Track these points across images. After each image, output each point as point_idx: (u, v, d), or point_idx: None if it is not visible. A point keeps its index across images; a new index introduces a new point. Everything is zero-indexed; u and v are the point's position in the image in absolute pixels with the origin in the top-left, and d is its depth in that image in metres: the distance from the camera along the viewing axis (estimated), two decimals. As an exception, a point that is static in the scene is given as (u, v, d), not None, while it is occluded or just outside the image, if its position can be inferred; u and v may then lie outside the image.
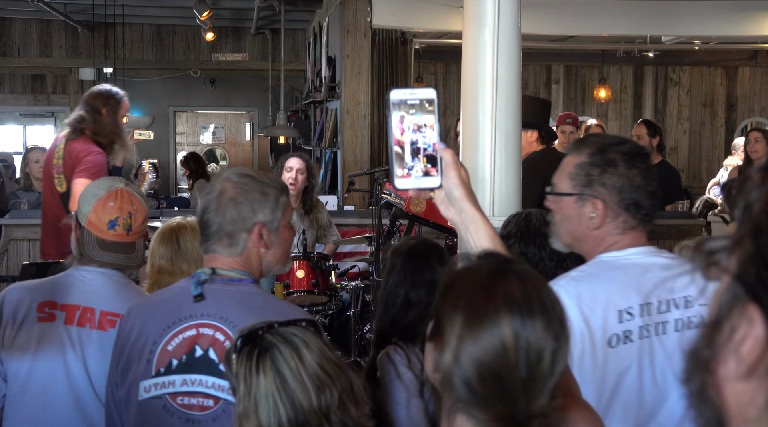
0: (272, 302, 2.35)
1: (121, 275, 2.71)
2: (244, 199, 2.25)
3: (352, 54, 8.08)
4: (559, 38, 10.16)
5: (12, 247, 7.02)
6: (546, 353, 1.31)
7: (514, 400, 1.30)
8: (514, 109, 3.75)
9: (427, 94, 1.60)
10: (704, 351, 0.77)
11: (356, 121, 8.14)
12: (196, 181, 9.78)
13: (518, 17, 3.75)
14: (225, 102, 13.76)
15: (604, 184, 2.13)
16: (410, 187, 1.61)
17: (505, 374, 1.30)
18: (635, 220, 2.15)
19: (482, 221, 1.64)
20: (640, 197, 2.13)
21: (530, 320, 1.31)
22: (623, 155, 2.14)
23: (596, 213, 2.15)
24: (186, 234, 3.21)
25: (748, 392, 0.74)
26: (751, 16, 8.42)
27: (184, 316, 2.23)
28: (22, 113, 13.10)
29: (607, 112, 12.10)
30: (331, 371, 1.61)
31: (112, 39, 11.57)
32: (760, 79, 12.24)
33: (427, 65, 11.37)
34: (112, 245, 2.66)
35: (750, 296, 0.73)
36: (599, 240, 2.18)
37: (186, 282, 2.31)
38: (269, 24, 11.81)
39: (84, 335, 2.59)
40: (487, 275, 1.36)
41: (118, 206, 2.68)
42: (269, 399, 1.57)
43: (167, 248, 3.19)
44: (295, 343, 1.62)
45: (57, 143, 4.93)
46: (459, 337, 1.31)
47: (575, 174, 2.17)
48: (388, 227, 4.69)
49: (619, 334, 2.08)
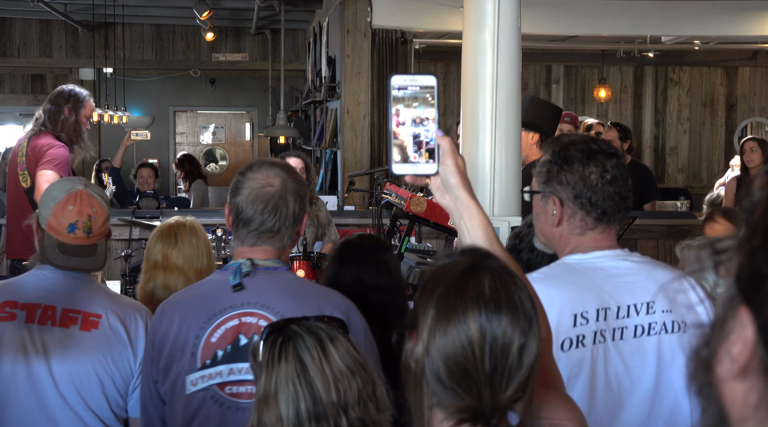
0: (310, 287, 2.39)
1: (81, 273, 2.70)
2: (293, 199, 2.28)
3: (352, 54, 8.08)
4: (559, 38, 10.16)
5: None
6: (513, 348, 1.34)
7: (480, 393, 1.34)
8: (514, 109, 3.75)
9: (428, 81, 1.62)
10: (703, 351, 0.78)
11: (356, 121, 8.14)
12: (192, 182, 9.79)
13: (518, 17, 3.76)
14: (225, 102, 13.76)
15: (561, 181, 2.15)
16: (407, 173, 1.62)
17: (471, 367, 1.34)
18: (592, 219, 2.15)
19: (477, 210, 1.65)
20: (595, 196, 2.13)
21: (496, 315, 1.35)
22: (581, 153, 2.14)
23: (555, 210, 2.16)
24: (184, 232, 3.22)
25: (742, 391, 0.75)
26: (751, 16, 8.42)
27: (224, 307, 2.25)
28: (22, 113, 13.10)
29: (607, 113, 12.09)
30: (354, 368, 1.62)
31: (112, 39, 11.57)
32: (760, 79, 12.24)
33: (427, 65, 11.37)
34: (73, 249, 2.65)
35: (742, 297, 0.74)
36: (564, 241, 2.19)
37: (220, 275, 2.33)
38: (269, 24, 11.81)
39: (46, 332, 2.59)
40: (462, 271, 1.40)
41: (78, 209, 2.66)
42: (289, 386, 1.59)
43: (164, 244, 3.20)
44: (320, 335, 1.64)
45: (21, 142, 5.04)
46: (430, 330, 1.36)
47: (539, 172, 2.21)
48: (389, 227, 4.68)
49: (572, 338, 2.06)
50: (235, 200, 2.29)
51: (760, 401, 0.73)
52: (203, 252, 3.22)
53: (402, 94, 1.61)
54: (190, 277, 3.14)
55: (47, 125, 4.94)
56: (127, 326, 2.65)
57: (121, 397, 2.65)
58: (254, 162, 2.37)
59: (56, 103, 5.00)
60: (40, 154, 4.87)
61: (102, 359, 2.61)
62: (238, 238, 2.31)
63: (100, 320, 2.63)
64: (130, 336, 2.64)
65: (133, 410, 2.67)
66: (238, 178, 2.32)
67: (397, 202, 4.37)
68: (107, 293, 2.76)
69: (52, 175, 4.78)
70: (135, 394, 2.65)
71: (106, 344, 2.62)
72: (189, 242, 3.20)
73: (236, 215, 2.29)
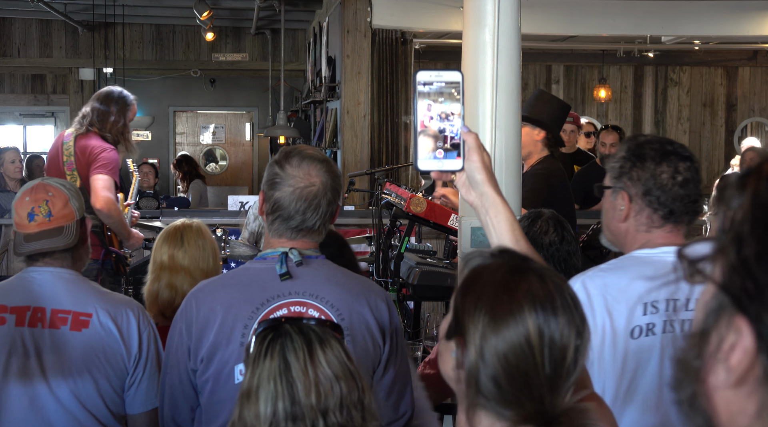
0: (351, 276, 2.39)
1: (69, 272, 2.69)
2: (332, 196, 2.30)
3: (352, 54, 8.08)
4: (559, 38, 10.16)
5: (11, 247, 7.02)
6: (570, 349, 1.33)
7: (541, 397, 1.32)
8: (514, 109, 3.75)
9: (453, 76, 1.61)
10: (693, 360, 0.77)
11: (356, 121, 8.14)
12: (191, 181, 9.81)
13: (518, 17, 3.75)
14: (225, 102, 13.75)
15: (632, 177, 2.19)
16: (432, 169, 1.62)
17: (531, 371, 1.31)
18: (659, 217, 2.18)
19: (503, 206, 1.65)
20: (664, 195, 2.17)
21: (553, 316, 1.33)
22: (655, 152, 2.18)
23: (624, 205, 2.19)
24: (190, 233, 3.24)
25: (739, 400, 0.74)
26: (751, 16, 8.41)
27: (272, 296, 2.25)
28: (22, 113, 13.10)
29: (607, 112, 12.09)
30: (340, 374, 1.60)
31: (112, 39, 11.57)
32: (760, 79, 12.24)
33: (427, 65, 11.36)
34: (36, 235, 2.66)
35: (736, 306, 0.73)
36: (630, 237, 2.22)
37: (260, 263, 2.32)
38: (269, 24, 11.80)
39: (36, 335, 2.57)
40: (507, 273, 1.37)
41: (33, 198, 2.69)
42: (270, 383, 1.58)
43: (170, 245, 3.21)
44: (310, 337, 1.63)
45: (65, 140, 4.98)
46: (483, 335, 1.33)
47: (611, 167, 2.25)
48: (389, 227, 4.68)
49: (642, 326, 2.10)
50: (274, 194, 2.27)
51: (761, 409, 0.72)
52: (209, 253, 3.23)
53: (427, 89, 1.60)
54: (196, 277, 3.14)
55: (95, 125, 4.93)
56: (119, 323, 2.63)
57: (117, 395, 2.63)
58: (291, 152, 2.32)
59: (105, 104, 4.98)
60: (91, 156, 4.86)
61: (95, 358, 2.59)
62: (275, 231, 2.30)
63: (90, 319, 2.61)
64: (122, 333, 2.62)
65: (132, 406, 2.65)
66: (276, 170, 2.29)
67: (397, 202, 4.37)
68: (97, 290, 2.73)
69: (108, 180, 4.81)
70: (132, 391, 2.64)
71: (98, 342, 2.60)
72: (195, 243, 3.22)
73: (274, 209, 2.28)
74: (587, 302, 2.09)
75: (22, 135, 13.19)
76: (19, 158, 7.32)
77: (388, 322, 2.34)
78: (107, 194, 4.77)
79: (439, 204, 4.49)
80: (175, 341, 2.33)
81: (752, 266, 0.72)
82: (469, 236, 3.66)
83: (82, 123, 4.96)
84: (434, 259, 4.65)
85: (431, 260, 4.50)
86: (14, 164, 7.22)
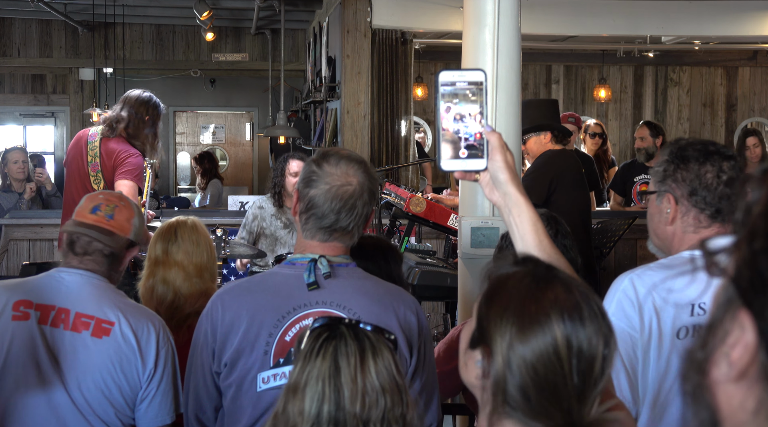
0: (382, 285, 2.34)
1: (100, 278, 2.70)
2: (368, 198, 2.25)
3: (352, 54, 8.08)
4: (559, 38, 10.15)
5: (12, 247, 7.02)
6: (597, 358, 1.32)
7: (570, 407, 1.31)
8: (514, 109, 3.75)
9: (476, 76, 1.61)
10: (698, 352, 0.77)
11: (356, 121, 8.14)
12: (210, 180, 9.82)
13: (518, 17, 3.75)
14: (225, 102, 13.75)
15: (676, 179, 2.19)
16: (456, 169, 1.62)
17: (560, 381, 1.30)
18: (706, 217, 2.18)
19: (526, 205, 1.64)
20: (710, 195, 2.17)
21: (581, 326, 1.32)
22: (698, 153, 2.19)
23: (670, 208, 2.20)
24: (184, 229, 3.24)
25: (739, 395, 0.74)
26: (751, 16, 8.41)
27: (298, 305, 2.21)
28: (22, 113, 13.09)
29: (607, 112, 12.09)
30: (387, 386, 1.59)
31: (112, 39, 11.57)
32: (760, 79, 12.23)
33: (427, 65, 11.36)
34: (90, 225, 2.69)
35: (742, 300, 0.73)
36: (678, 239, 2.22)
37: (288, 269, 2.27)
38: (269, 24, 11.80)
39: (57, 335, 2.59)
40: (533, 282, 1.36)
41: (106, 198, 2.75)
42: (318, 384, 1.57)
43: (164, 241, 3.22)
44: (364, 344, 1.61)
45: (90, 140, 4.95)
46: (510, 345, 1.32)
47: (655, 172, 2.25)
48: (388, 227, 4.68)
49: (688, 327, 2.10)
50: (309, 192, 2.23)
51: (759, 406, 0.72)
52: (203, 248, 3.22)
53: (450, 90, 1.60)
54: (190, 272, 3.15)
55: (124, 129, 4.92)
56: (139, 335, 2.64)
57: (128, 406, 2.63)
58: (330, 153, 2.29)
59: (140, 111, 4.98)
60: (117, 160, 4.85)
61: (111, 367, 2.60)
62: (308, 231, 2.26)
63: (112, 327, 2.62)
64: (140, 346, 2.63)
65: (142, 420, 2.64)
66: (313, 168, 2.25)
67: (397, 202, 4.37)
68: (123, 300, 2.74)
69: (133, 186, 4.81)
70: (143, 405, 2.64)
71: (116, 352, 2.61)
72: (189, 238, 3.22)
73: (308, 207, 2.24)
74: (635, 299, 2.09)
75: (22, 135, 13.18)
76: (22, 158, 7.29)
77: (417, 334, 2.30)
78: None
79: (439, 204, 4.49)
80: (200, 342, 2.31)
81: (760, 260, 0.72)
82: (469, 236, 3.66)
83: (112, 126, 4.93)
84: (434, 259, 4.65)
85: (431, 260, 4.50)
86: (17, 165, 7.21)
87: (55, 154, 12.83)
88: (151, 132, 5.01)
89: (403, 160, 8.15)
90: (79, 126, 12.49)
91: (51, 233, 6.84)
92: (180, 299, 3.13)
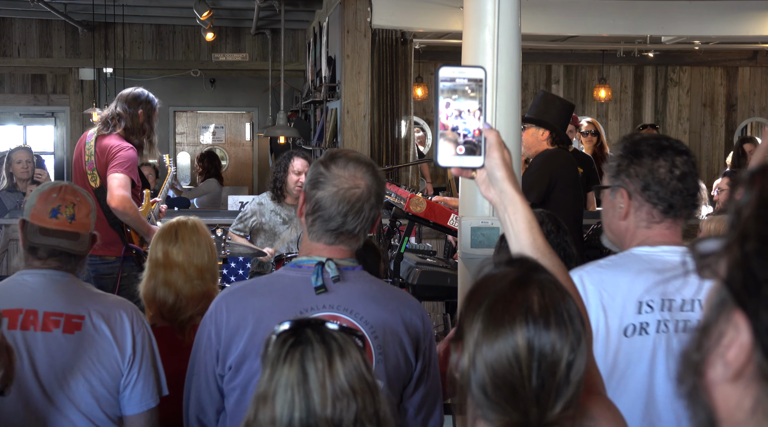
0: (387, 289, 2.34)
1: (63, 275, 2.67)
2: (375, 201, 2.24)
3: (352, 54, 8.08)
4: (559, 38, 10.15)
5: (12, 247, 7.02)
6: (561, 364, 1.33)
7: (526, 409, 1.32)
8: (514, 109, 3.75)
9: (476, 73, 1.61)
10: (694, 354, 0.78)
11: (356, 121, 8.14)
12: (206, 178, 9.83)
13: (518, 17, 3.75)
14: (225, 102, 13.75)
15: (630, 174, 2.20)
16: (453, 165, 1.62)
17: (518, 384, 1.32)
18: (659, 212, 2.19)
19: (521, 203, 1.64)
20: (663, 190, 2.17)
21: (546, 331, 1.33)
22: (651, 148, 2.19)
23: (623, 203, 2.20)
24: (185, 230, 3.23)
25: (736, 395, 0.75)
26: (751, 16, 8.41)
27: (305, 308, 2.19)
28: (22, 113, 13.09)
29: (607, 112, 12.09)
30: (357, 387, 1.59)
31: (112, 39, 11.57)
32: (760, 79, 12.23)
33: (427, 65, 11.36)
34: (54, 232, 2.65)
35: (736, 301, 0.74)
36: (630, 234, 2.22)
37: (294, 272, 2.25)
38: (269, 24, 11.80)
39: (29, 337, 2.56)
40: (510, 284, 1.38)
41: (61, 197, 2.67)
42: (287, 392, 1.57)
43: (165, 242, 3.21)
44: (331, 347, 1.60)
45: (87, 140, 5.01)
46: (476, 343, 1.35)
47: (609, 166, 2.25)
48: (388, 227, 4.68)
49: (635, 324, 2.10)
50: (316, 194, 2.21)
51: (756, 405, 0.73)
52: (204, 249, 3.21)
53: (450, 86, 1.60)
54: (191, 274, 3.14)
55: (118, 126, 4.96)
56: (112, 324, 2.61)
57: (112, 396, 2.62)
58: (338, 154, 2.26)
59: (133, 106, 5.00)
60: (109, 155, 4.88)
61: (88, 361, 2.58)
62: (314, 233, 2.24)
63: (83, 321, 2.59)
64: (115, 335, 2.61)
65: (128, 407, 2.63)
66: (321, 170, 2.22)
67: (397, 202, 4.37)
68: (90, 292, 2.71)
69: (124, 178, 4.81)
70: (127, 392, 2.62)
71: (90, 345, 2.59)
72: (190, 240, 3.20)
73: (314, 209, 2.22)
74: (584, 297, 2.09)
75: (22, 135, 13.18)
76: (26, 158, 7.26)
77: (423, 338, 2.29)
78: (122, 192, 4.79)
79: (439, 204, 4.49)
80: (204, 344, 2.29)
81: (753, 261, 0.73)
82: (469, 236, 3.66)
83: (107, 124, 4.98)
84: (434, 259, 4.66)
85: (431, 260, 4.50)
86: (21, 164, 7.20)
87: (55, 154, 12.83)
88: (147, 126, 5.02)
89: (403, 160, 8.15)
90: (79, 126, 12.50)
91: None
92: (182, 300, 3.12)
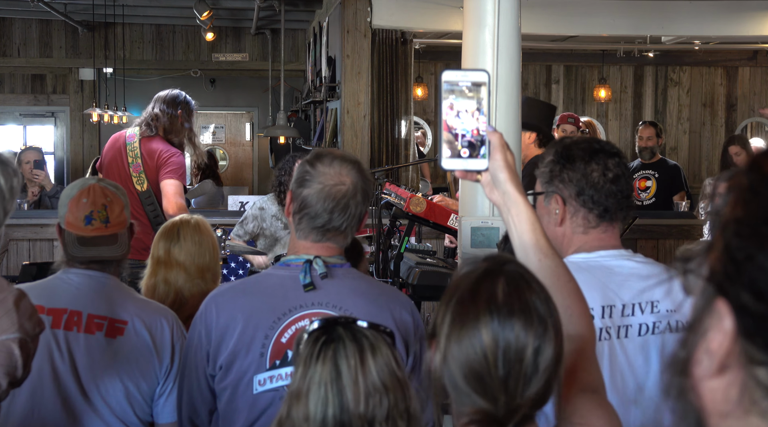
0: (377, 286, 2.36)
1: (108, 277, 2.68)
2: (362, 198, 2.25)
3: (352, 54, 8.08)
4: (559, 38, 10.15)
5: (12, 247, 7.02)
6: (527, 352, 1.36)
7: (495, 397, 1.36)
8: (514, 109, 3.75)
9: (479, 76, 1.61)
10: (680, 351, 0.79)
11: (356, 121, 8.14)
12: (203, 178, 9.81)
13: (518, 17, 3.75)
14: (225, 102, 13.75)
15: (563, 179, 2.18)
16: (457, 168, 1.62)
17: (485, 373, 1.36)
18: (594, 216, 2.17)
19: (524, 205, 1.65)
20: (597, 194, 2.16)
21: (509, 321, 1.36)
22: (583, 152, 2.17)
23: (558, 209, 2.18)
24: (187, 229, 3.23)
25: (722, 387, 0.75)
26: (751, 16, 8.41)
27: (294, 306, 2.21)
28: (22, 113, 13.09)
29: (607, 113, 12.09)
30: (388, 383, 1.61)
31: (112, 39, 11.57)
32: (760, 79, 12.23)
33: (427, 65, 11.36)
34: (92, 240, 2.65)
35: (718, 291, 0.75)
36: (567, 240, 2.20)
37: (283, 270, 2.27)
38: (269, 24, 11.80)
39: (71, 338, 2.58)
40: (477, 278, 1.41)
41: (91, 201, 2.67)
42: (321, 389, 1.59)
43: (167, 240, 3.21)
44: (362, 344, 1.62)
45: (128, 141, 5.01)
46: (446, 338, 1.39)
47: (541, 172, 2.23)
48: (388, 227, 4.68)
49: None
50: (302, 192, 2.23)
51: (742, 392, 0.73)
52: (206, 249, 3.21)
53: (453, 89, 1.60)
54: (192, 273, 3.14)
55: (160, 128, 5.01)
56: (153, 332, 2.63)
57: (146, 403, 2.63)
58: (324, 153, 2.30)
59: (173, 107, 5.07)
60: (160, 160, 4.92)
61: (127, 366, 2.60)
62: (301, 231, 2.26)
63: (125, 326, 2.61)
64: (155, 343, 2.63)
65: (161, 415, 2.64)
66: (307, 168, 2.25)
67: (397, 202, 4.37)
68: (134, 298, 2.73)
69: (180, 185, 4.90)
70: (162, 400, 2.63)
71: (131, 351, 2.61)
72: (192, 239, 3.21)
73: (301, 207, 2.24)
74: None
75: (22, 135, 13.18)
76: (34, 158, 7.26)
77: (413, 334, 2.31)
78: (180, 200, 4.87)
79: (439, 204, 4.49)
80: (194, 345, 2.30)
81: (732, 244, 0.73)
82: (469, 236, 3.66)
83: (150, 125, 5.01)
84: (434, 259, 4.66)
85: (431, 260, 4.50)
86: (29, 165, 7.20)
87: (55, 154, 12.83)
88: (186, 127, 5.09)
89: (403, 160, 8.15)
90: (79, 126, 12.51)
91: (51, 233, 6.83)
92: (182, 299, 3.13)
